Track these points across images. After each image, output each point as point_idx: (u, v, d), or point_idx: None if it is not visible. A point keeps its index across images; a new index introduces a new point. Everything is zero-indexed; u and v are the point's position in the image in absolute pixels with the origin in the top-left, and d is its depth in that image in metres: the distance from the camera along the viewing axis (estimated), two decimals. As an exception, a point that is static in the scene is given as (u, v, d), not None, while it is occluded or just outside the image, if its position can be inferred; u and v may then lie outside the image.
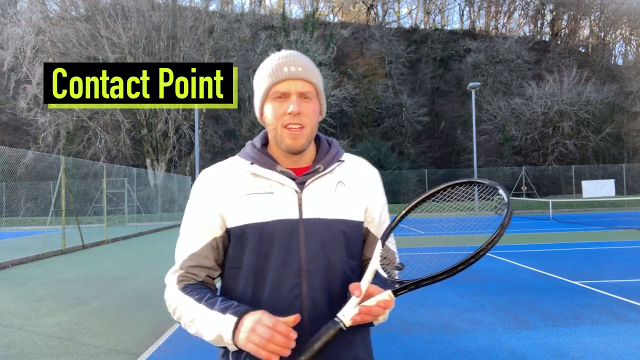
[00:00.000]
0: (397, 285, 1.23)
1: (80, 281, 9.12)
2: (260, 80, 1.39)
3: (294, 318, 1.19)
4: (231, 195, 1.36)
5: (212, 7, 45.69)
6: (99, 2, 40.02)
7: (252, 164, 1.39)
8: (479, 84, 33.03)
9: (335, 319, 1.22)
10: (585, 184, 32.12)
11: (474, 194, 1.18)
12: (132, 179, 25.70)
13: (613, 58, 53.67)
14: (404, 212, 1.38)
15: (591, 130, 42.59)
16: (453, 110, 46.56)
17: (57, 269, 10.85)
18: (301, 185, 1.36)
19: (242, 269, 1.37)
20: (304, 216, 1.34)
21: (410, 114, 44.77)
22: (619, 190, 36.45)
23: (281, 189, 1.35)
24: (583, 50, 53.78)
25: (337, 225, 1.36)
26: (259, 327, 1.16)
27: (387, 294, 1.23)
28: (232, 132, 41.12)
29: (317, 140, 1.49)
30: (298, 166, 1.41)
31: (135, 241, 17.79)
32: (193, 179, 33.25)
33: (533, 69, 46.41)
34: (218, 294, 1.39)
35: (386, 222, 1.49)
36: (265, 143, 1.46)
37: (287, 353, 1.15)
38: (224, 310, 1.24)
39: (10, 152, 14.14)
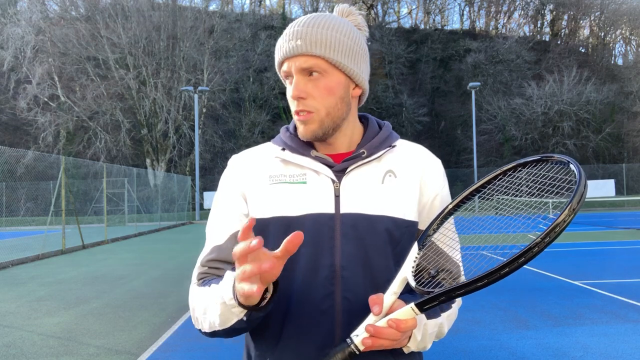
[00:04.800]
0: (425, 296, 0.94)
1: (80, 281, 9.12)
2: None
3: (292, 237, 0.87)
4: (256, 183, 1.18)
5: (212, 7, 45.79)
6: (99, 2, 40.05)
7: (283, 149, 1.19)
8: (479, 84, 33.04)
9: (348, 339, 0.96)
10: (585, 184, 32.06)
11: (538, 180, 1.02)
12: (132, 179, 25.70)
13: (613, 58, 53.72)
14: (452, 204, 1.11)
15: (591, 130, 42.64)
16: (453, 110, 46.58)
17: (57, 269, 10.85)
18: (340, 174, 1.15)
19: None
20: (342, 211, 1.11)
21: (410, 114, 44.79)
22: (619, 190, 36.49)
23: (315, 178, 1.14)
24: (583, 50, 53.78)
25: (380, 223, 1.12)
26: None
27: (408, 309, 0.94)
28: (232, 132, 41.12)
29: (366, 122, 1.27)
30: (338, 152, 1.19)
31: (135, 241, 17.74)
32: (193, 179, 33.32)
33: (533, 69, 46.42)
34: None
35: (449, 228, 1.18)
36: None
37: (266, 267, 0.85)
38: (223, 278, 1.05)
39: (10, 152, 14.14)
